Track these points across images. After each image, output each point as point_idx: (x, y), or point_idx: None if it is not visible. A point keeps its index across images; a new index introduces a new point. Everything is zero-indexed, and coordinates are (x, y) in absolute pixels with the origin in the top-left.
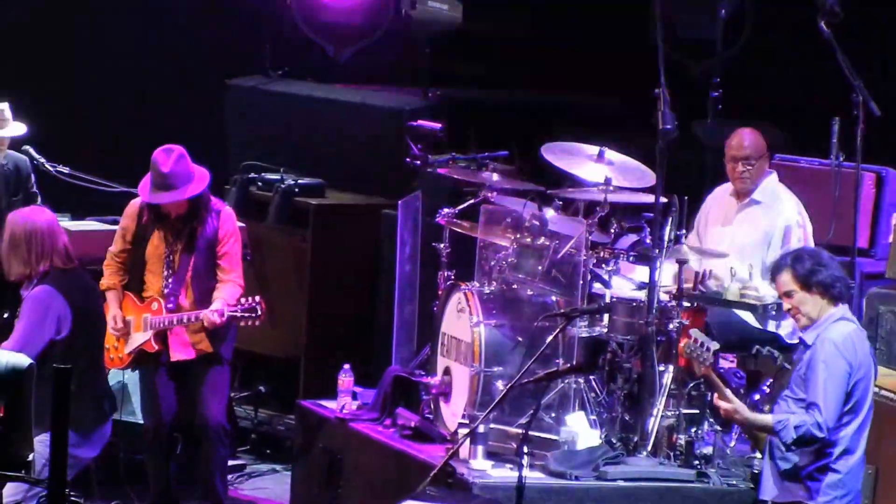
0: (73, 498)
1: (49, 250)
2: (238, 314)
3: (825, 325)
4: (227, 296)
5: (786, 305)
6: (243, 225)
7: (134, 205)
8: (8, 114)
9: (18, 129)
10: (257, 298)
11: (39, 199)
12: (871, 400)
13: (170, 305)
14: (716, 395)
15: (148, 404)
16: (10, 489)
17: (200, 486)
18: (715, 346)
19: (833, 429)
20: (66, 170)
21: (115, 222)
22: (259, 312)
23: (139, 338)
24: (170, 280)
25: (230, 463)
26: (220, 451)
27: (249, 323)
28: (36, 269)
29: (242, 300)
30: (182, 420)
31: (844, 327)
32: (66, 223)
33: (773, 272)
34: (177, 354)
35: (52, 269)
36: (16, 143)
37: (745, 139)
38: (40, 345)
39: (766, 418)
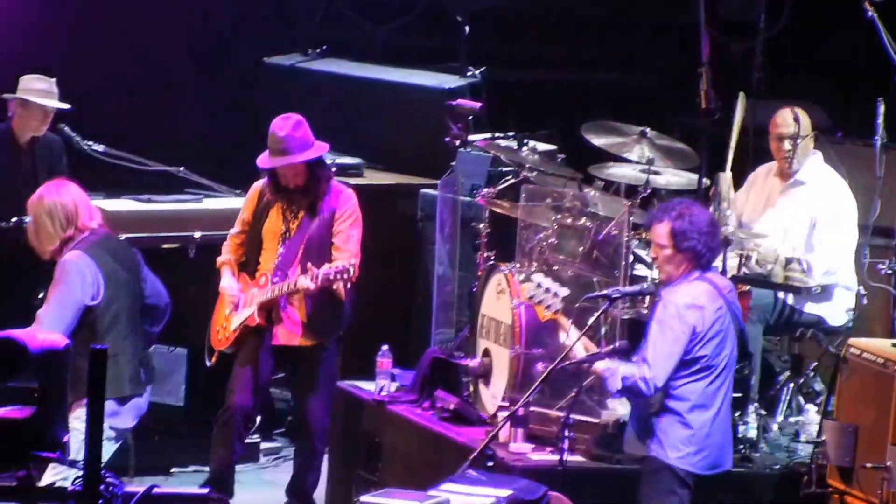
0: (108, 479)
1: (73, 216)
2: (331, 276)
3: (676, 285)
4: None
5: (653, 253)
6: None
7: (255, 186)
8: (55, 88)
9: (63, 104)
10: (352, 260)
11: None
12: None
13: (276, 279)
14: (565, 335)
15: (238, 382)
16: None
17: (291, 480)
18: (564, 292)
19: (674, 385)
20: (100, 148)
21: (150, 201)
22: (351, 273)
23: (245, 313)
24: (280, 255)
25: (267, 445)
26: (318, 449)
27: (342, 285)
28: (63, 237)
29: (337, 263)
30: (261, 408)
31: (697, 287)
32: (100, 202)
33: (653, 220)
34: (282, 338)
35: (80, 234)
36: (52, 122)
37: (790, 118)
38: (74, 309)
39: (597, 365)
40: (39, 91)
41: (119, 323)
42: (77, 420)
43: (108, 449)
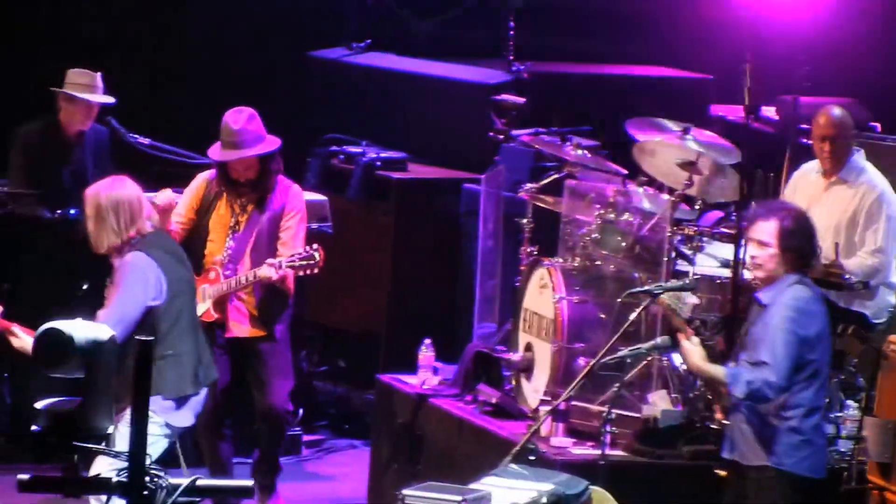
0: (153, 470)
1: (137, 216)
2: (296, 263)
3: (781, 288)
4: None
5: (752, 251)
6: (325, 198)
7: (199, 178)
8: (100, 82)
9: (107, 98)
10: (314, 245)
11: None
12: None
13: (227, 273)
14: (681, 335)
15: None
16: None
17: (259, 458)
18: (694, 300)
19: (790, 391)
20: (145, 141)
21: None
22: (317, 259)
23: (199, 308)
24: (230, 249)
25: (308, 438)
26: (283, 432)
27: (308, 271)
28: (126, 236)
29: (298, 250)
30: (235, 399)
31: (801, 291)
32: (146, 195)
33: (757, 217)
34: (234, 330)
35: (141, 235)
36: (98, 114)
37: (830, 117)
38: (137, 310)
39: (718, 369)
40: (83, 85)
41: (180, 322)
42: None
43: (163, 446)
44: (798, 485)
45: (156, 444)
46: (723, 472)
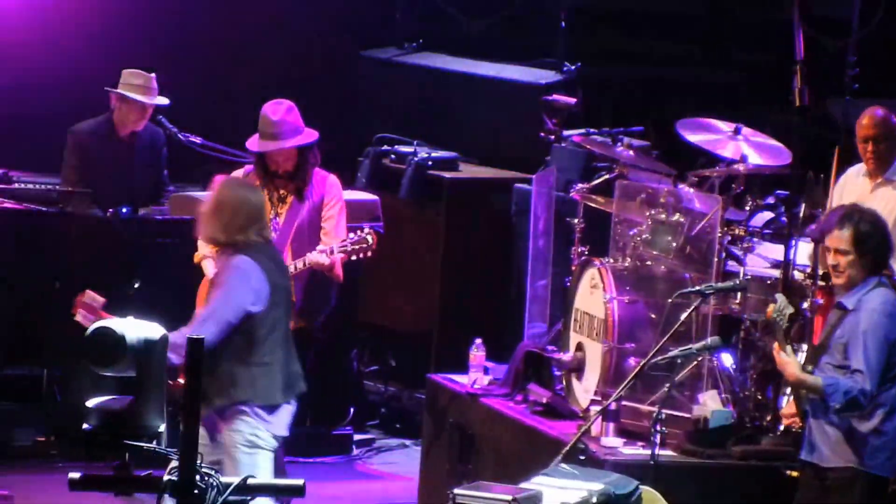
0: (203, 469)
1: (253, 224)
2: (349, 248)
3: (865, 291)
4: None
5: (832, 260)
6: (377, 197)
7: (237, 173)
8: (154, 83)
9: (162, 99)
10: (366, 228)
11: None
12: None
13: None
14: (775, 345)
15: None
16: None
17: None
18: (790, 309)
19: (876, 394)
20: (198, 140)
21: None
22: (370, 242)
23: None
24: (272, 240)
25: (359, 437)
26: None
27: (362, 255)
28: (233, 238)
29: (351, 235)
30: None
31: (885, 294)
32: (198, 193)
33: (831, 227)
34: None
35: (249, 241)
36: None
37: (874, 119)
38: (235, 314)
39: (816, 379)
40: (138, 86)
41: (276, 331)
42: (228, 428)
43: (266, 457)
44: (878, 485)
45: (261, 455)
46: (794, 473)
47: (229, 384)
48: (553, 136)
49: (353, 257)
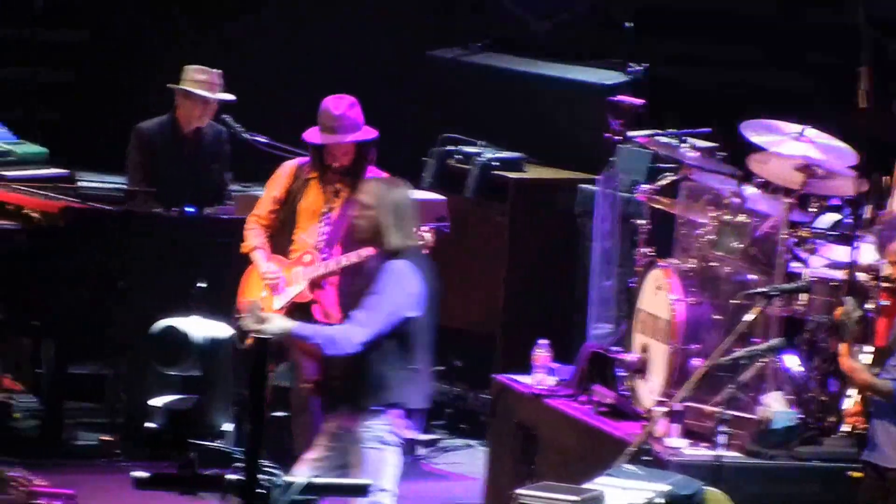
0: (268, 468)
1: (408, 226)
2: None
3: None
4: None
5: (888, 271)
6: (443, 198)
7: (287, 165)
8: (218, 79)
9: (226, 95)
10: (424, 227)
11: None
12: None
13: (324, 256)
14: (841, 347)
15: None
16: None
17: None
18: (858, 313)
19: None
20: (263, 139)
21: None
22: (427, 239)
23: (292, 291)
24: (325, 233)
25: (423, 437)
26: None
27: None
28: (392, 242)
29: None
30: None
31: None
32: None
33: (891, 239)
34: (321, 316)
35: (407, 245)
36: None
37: None
38: (392, 318)
39: (886, 383)
40: (201, 82)
41: (426, 336)
42: (367, 428)
43: (395, 454)
44: None
45: (390, 451)
46: (857, 474)
47: (379, 387)
48: (619, 137)
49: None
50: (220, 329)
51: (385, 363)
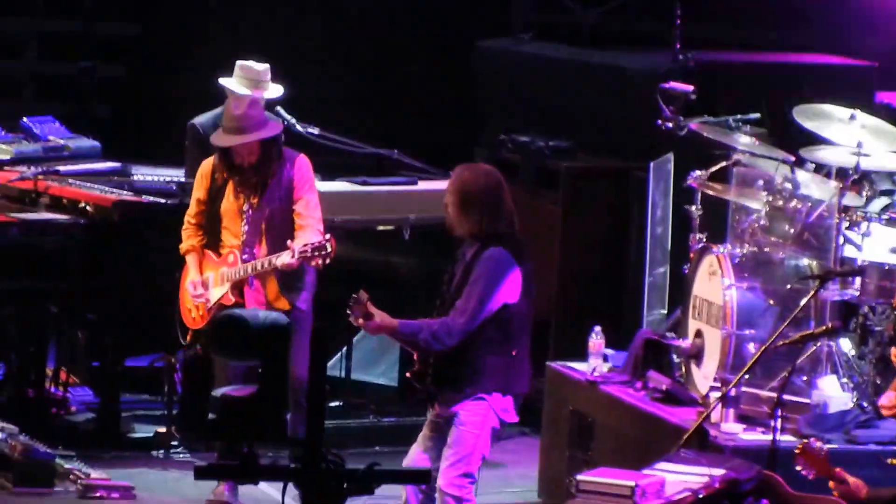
0: (330, 457)
1: (502, 212)
2: (308, 254)
3: None
4: (304, 240)
5: None
6: None
7: (205, 165)
8: (268, 75)
9: (276, 90)
10: (327, 236)
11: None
12: None
13: (245, 256)
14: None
15: (221, 369)
16: None
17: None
18: None
19: None
20: (315, 131)
21: (365, 183)
22: (328, 250)
23: (217, 293)
24: (245, 232)
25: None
26: (303, 405)
27: (319, 262)
28: (486, 229)
29: (312, 241)
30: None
31: None
32: (317, 184)
33: None
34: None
35: (501, 232)
36: (268, 105)
37: None
38: (494, 306)
39: None
40: (247, 79)
41: (526, 323)
42: (465, 411)
43: (489, 439)
44: None
45: (484, 436)
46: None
47: (482, 373)
48: (670, 124)
49: (312, 263)
50: (278, 319)
51: (487, 350)
